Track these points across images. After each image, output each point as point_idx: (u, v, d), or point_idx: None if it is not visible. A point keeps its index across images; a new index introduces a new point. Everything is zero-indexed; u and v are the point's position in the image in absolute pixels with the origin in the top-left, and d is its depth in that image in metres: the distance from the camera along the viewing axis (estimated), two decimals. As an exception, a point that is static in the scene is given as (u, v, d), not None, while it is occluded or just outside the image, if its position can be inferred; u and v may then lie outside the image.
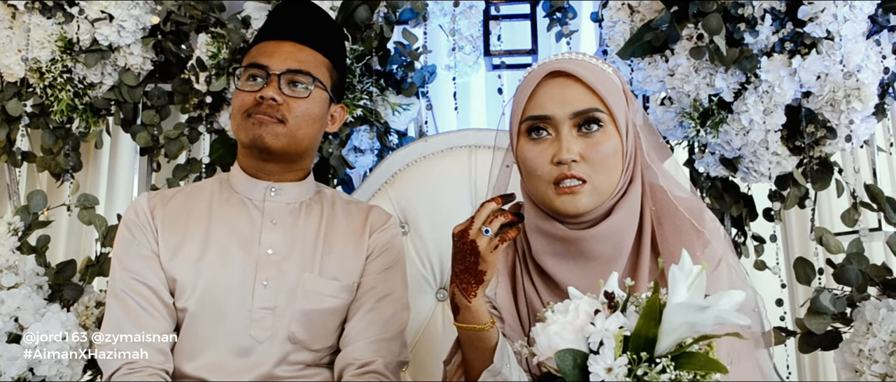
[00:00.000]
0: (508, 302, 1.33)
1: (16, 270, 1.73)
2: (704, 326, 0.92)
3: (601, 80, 1.24)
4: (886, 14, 1.83)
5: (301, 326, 1.43)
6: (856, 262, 1.66)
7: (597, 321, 0.95)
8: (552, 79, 1.24)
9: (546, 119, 1.23)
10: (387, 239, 1.54)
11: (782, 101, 1.79)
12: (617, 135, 1.23)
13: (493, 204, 1.16)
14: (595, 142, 1.21)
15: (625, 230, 1.25)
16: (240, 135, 1.48)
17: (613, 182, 1.23)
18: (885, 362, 1.56)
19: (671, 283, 0.93)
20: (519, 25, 2.27)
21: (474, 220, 1.16)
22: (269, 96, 1.43)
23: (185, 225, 1.48)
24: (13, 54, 2.08)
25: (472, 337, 1.21)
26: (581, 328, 0.96)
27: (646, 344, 0.93)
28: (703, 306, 0.90)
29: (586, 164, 1.21)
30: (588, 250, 1.26)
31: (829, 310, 1.64)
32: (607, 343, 0.93)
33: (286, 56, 1.48)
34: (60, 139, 2.16)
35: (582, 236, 1.25)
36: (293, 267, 1.46)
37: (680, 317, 0.91)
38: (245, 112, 1.46)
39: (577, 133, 1.22)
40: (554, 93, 1.23)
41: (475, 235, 1.15)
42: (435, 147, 1.87)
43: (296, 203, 1.52)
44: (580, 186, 1.21)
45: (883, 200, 1.73)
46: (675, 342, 0.93)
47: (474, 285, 1.18)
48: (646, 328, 0.93)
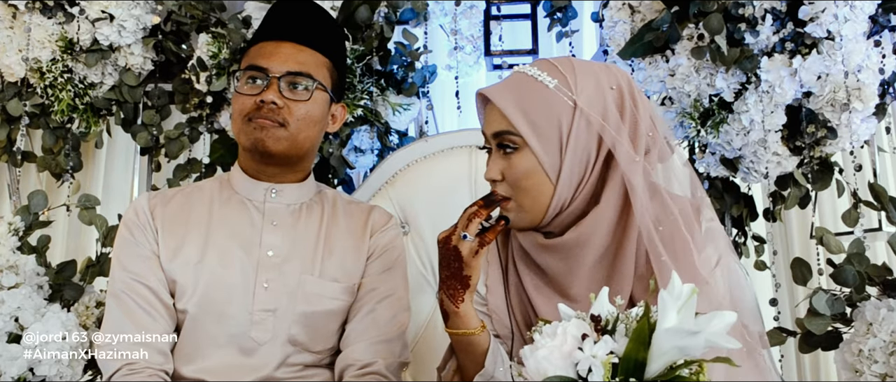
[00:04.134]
0: (502, 305, 1.34)
1: (16, 270, 1.73)
2: (695, 350, 0.90)
3: (524, 101, 1.23)
4: (887, 14, 1.83)
5: (301, 328, 1.43)
6: (856, 263, 1.66)
7: (585, 346, 0.93)
8: (487, 102, 1.29)
9: (485, 138, 1.28)
10: (387, 240, 1.53)
11: (783, 101, 1.79)
12: (532, 157, 1.22)
13: (473, 208, 1.20)
14: (510, 164, 1.24)
15: (578, 249, 1.24)
16: (241, 139, 1.48)
17: (540, 201, 1.23)
18: (885, 362, 1.56)
19: (661, 307, 0.91)
20: (519, 25, 2.28)
21: (458, 225, 1.19)
22: (269, 100, 1.42)
23: (185, 226, 1.47)
24: (14, 54, 2.08)
25: (464, 342, 1.22)
26: (569, 353, 0.94)
27: (635, 369, 0.92)
28: (693, 331, 0.89)
29: (507, 184, 1.25)
30: (544, 262, 1.28)
31: (826, 312, 1.64)
32: (596, 371, 0.91)
33: (286, 58, 1.46)
34: (61, 139, 2.16)
35: (544, 245, 1.27)
36: (294, 268, 1.45)
37: (670, 342, 0.90)
38: (245, 116, 1.44)
39: (502, 153, 1.25)
40: (485, 116, 1.29)
41: (456, 241, 1.18)
42: (435, 147, 1.87)
43: (296, 204, 1.52)
44: (507, 203, 1.25)
45: (886, 199, 1.73)
46: (665, 365, 0.91)
47: (461, 290, 1.20)
48: (635, 352, 0.92)
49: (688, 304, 0.91)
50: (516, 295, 1.33)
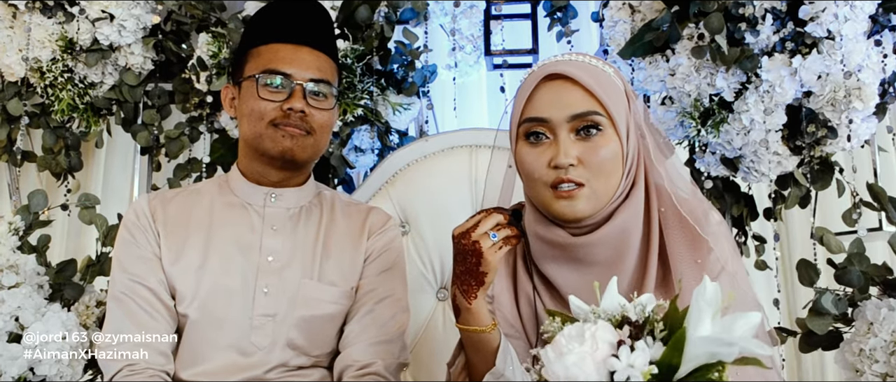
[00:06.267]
0: (509, 303, 1.33)
1: (16, 270, 1.73)
2: (728, 357, 0.90)
3: (601, 82, 1.21)
4: (887, 14, 1.83)
5: (300, 332, 1.43)
6: (857, 263, 1.66)
7: (621, 355, 0.90)
8: (550, 82, 1.22)
9: (543, 122, 1.21)
10: (386, 242, 1.53)
11: (783, 101, 1.78)
12: (616, 139, 1.21)
13: (501, 217, 1.17)
14: (593, 146, 1.19)
15: (627, 234, 1.23)
16: (264, 144, 1.44)
17: (613, 186, 1.21)
18: (886, 362, 1.56)
19: (694, 311, 0.89)
20: (520, 25, 2.27)
21: (480, 224, 1.16)
22: (298, 109, 1.41)
23: (186, 228, 1.46)
24: (14, 54, 2.08)
25: (474, 339, 1.20)
26: (603, 360, 0.91)
27: (668, 371, 0.91)
28: (730, 342, 0.88)
29: (584, 168, 1.19)
30: (587, 255, 1.24)
31: (831, 312, 1.63)
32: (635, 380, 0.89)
33: (308, 64, 1.44)
34: (61, 139, 2.17)
35: (581, 242, 1.23)
36: (293, 273, 1.45)
37: (703, 348, 0.89)
38: (271, 121, 1.42)
39: (575, 137, 1.20)
40: (552, 97, 1.21)
41: (479, 237, 1.15)
42: (435, 146, 1.87)
43: (296, 208, 1.51)
44: (578, 190, 1.19)
45: (885, 199, 1.73)
46: (693, 367, 0.91)
47: (475, 286, 1.17)
48: (670, 358, 0.91)
49: (716, 316, 0.91)
50: (525, 299, 1.32)
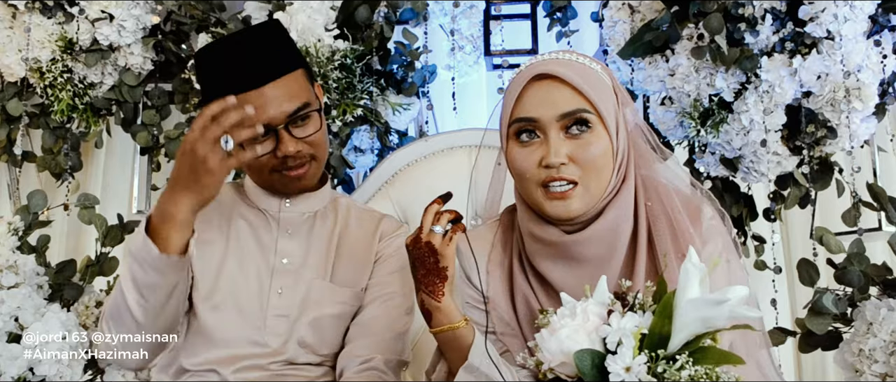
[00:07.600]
0: (505, 303, 1.33)
1: (16, 270, 1.73)
2: (719, 320, 0.91)
3: (588, 80, 1.22)
4: (887, 14, 1.83)
5: (311, 331, 1.45)
6: (857, 263, 1.66)
7: (613, 321, 0.95)
8: (538, 82, 1.22)
9: (533, 121, 1.22)
10: (396, 246, 1.55)
11: (783, 101, 1.79)
12: (606, 135, 1.22)
13: (436, 206, 1.18)
14: (584, 144, 1.21)
15: (618, 230, 1.24)
16: (275, 187, 1.47)
17: (604, 182, 1.23)
18: (886, 362, 1.56)
19: (682, 278, 0.92)
20: (519, 25, 2.27)
21: (422, 225, 1.17)
22: (292, 153, 1.40)
23: (209, 227, 1.48)
24: (13, 54, 2.09)
25: (450, 339, 1.21)
26: (595, 329, 0.96)
27: (659, 342, 0.93)
28: (718, 300, 0.90)
29: (576, 166, 1.21)
30: (580, 252, 1.25)
31: (831, 311, 1.64)
32: (626, 342, 0.92)
33: (279, 101, 1.37)
34: (61, 139, 2.17)
35: (574, 239, 1.25)
36: (307, 275, 1.47)
37: (694, 313, 0.91)
38: (269, 169, 1.43)
39: (565, 135, 1.21)
40: (540, 96, 1.22)
41: (427, 236, 1.16)
42: (435, 147, 1.87)
43: (310, 212, 1.53)
44: (571, 190, 1.21)
45: (885, 199, 1.73)
46: (687, 338, 0.93)
47: (440, 283, 1.18)
48: (660, 325, 0.93)
49: (704, 281, 0.92)
50: (522, 297, 1.32)
